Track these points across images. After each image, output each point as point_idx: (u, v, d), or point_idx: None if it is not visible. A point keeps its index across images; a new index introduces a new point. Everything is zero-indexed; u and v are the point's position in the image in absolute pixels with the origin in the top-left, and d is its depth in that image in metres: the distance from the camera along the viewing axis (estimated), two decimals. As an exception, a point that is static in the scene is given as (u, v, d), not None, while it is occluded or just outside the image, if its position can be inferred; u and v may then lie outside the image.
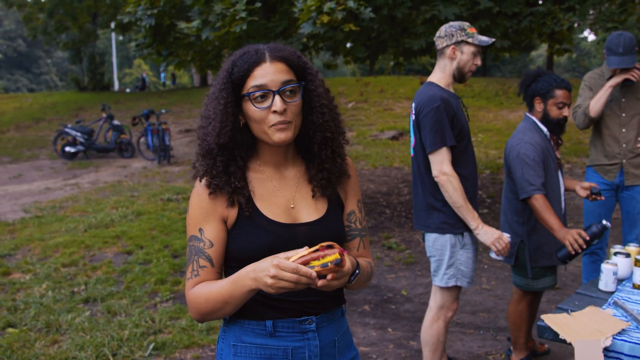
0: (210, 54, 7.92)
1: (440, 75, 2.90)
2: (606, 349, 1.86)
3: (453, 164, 2.76)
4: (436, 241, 2.87)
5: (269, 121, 1.39)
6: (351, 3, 4.82)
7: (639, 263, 2.33)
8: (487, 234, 2.75)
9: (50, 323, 3.90)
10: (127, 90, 32.79)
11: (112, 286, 4.68)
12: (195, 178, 1.47)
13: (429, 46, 6.46)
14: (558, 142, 3.12)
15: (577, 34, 33.57)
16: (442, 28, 2.89)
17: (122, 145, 12.52)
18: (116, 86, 34.71)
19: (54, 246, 5.73)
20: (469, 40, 2.82)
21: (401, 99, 15.46)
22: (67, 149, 12.43)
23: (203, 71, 9.42)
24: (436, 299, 2.96)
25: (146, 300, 4.38)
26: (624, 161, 3.73)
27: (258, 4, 5.53)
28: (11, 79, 50.83)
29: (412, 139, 2.93)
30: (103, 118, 12.83)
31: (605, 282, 2.37)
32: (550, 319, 2.05)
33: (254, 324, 1.45)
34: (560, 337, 1.95)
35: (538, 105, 3.07)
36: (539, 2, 6.72)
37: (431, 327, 2.95)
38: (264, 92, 1.38)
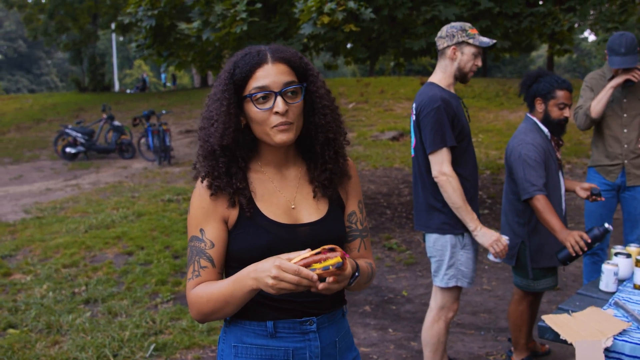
0: (210, 55, 7.93)
1: (441, 75, 2.90)
2: (607, 350, 1.86)
3: (454, 165, 2.76)
4: (437, 242, 2.87)
5: (271, 122, 1.39)
6: (352, 4, 4.82)
7: (640, 263, 2.33)
8: (486, 236, 2.75)
9: (51, 324, 3.91)
10: (128, 91, 32.75)
11: (113, 287, 4.68)
12: (196, 179, 1.47)
13: (430, 47, 6.47)
14: (559, 143, 3.12)
15: (578, 35, 33.57)
16: (444, 28, 2.89)
17: (123, 146, 12.52)
18: (117, 87, 34.71)
19: (55, 247, 5.74)
20: (470, 41, 2.82)
21: (402, 100, 15.45)
22: (68, 150, 12.44)
23: (203, 72, 9.43)
24: (437, 300, 2.96)
25: (147, 301, 4.38)
26: (626, 162, 3.73)
27: (258, 5, 5.53)
28: (12, 80, 50.82)
29: (413, 140, 2.93)
30: (103, 119, 12.83)
31: (606, 283, 2.37)
32: (551, 320, 2.05)
33: (255, 325, 1.45)
34: (561, 338, 1.95)
35: (539, 105, 3.07)
36: (540, 3, 6.72)
37: (432, 328, 2.95)
38: (266, 94, 1.38)
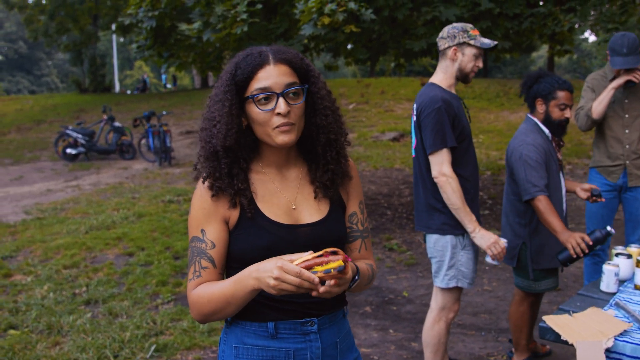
0: (211, 56, 7.94)
1: (442, 76, 2.89)
2: (608, 350, 1.86)
3: (454, 165, 2.76)
4: (437, 242, 2.87)
5: (273, 123, 1.39)
6: (352, 4, 4.82)
7: (641, 264, 2.33)
8: (484, 238, 2.74)
9: (51, 325, 3.91)
10: (128, 92, 32.78)
11: (114, 288, 4.68)
12: (197, 180, 1.47)
13: (430, 47, 6.47)
14: (560, 144, 3.12)
15: (578, 35, 33.54)
16: (445, 29, 2.89)
17: (123, 146, 12.52)
18: (117, 88, 34.70)
19: (55, 248, 5.74)
20: (471, 42, 2.82)
21: (402, 100, 15.45)
22: (68, 151, 12.44)
23: (204, 73, 9.45)
24: (437, 300, 2.96)
25: (147, 301, 4.38)
26: (627, 162, 3.73)
27: (259, 6, 5.53)
28: (12, 81, 50.85)
29: (414, 140, 2.93)
30: (104, 120, 12.84)
31: (606, 283, 2.36)
32: (551, 320, 2.04)
33: (256, 326, 1.45)
34: (561, 338, 1.94)
35: (540, 106, 3.07)
36: (540, 3, 6.72)
37: (432, 329, 2.95)
38: (268, 95, 1.38)
